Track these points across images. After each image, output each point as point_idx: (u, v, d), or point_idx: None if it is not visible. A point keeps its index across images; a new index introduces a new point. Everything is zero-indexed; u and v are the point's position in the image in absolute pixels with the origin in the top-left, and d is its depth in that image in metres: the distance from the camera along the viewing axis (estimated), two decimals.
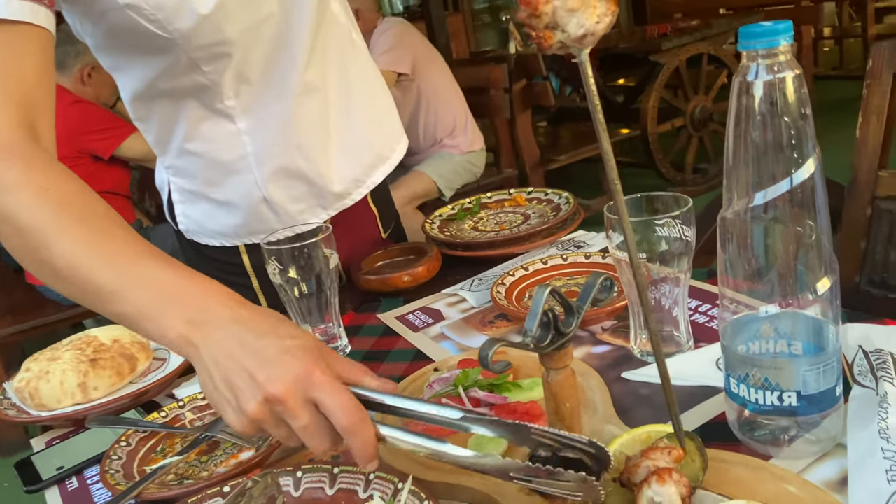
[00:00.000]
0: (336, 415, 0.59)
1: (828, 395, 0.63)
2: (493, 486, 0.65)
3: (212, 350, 0.61)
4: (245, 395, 0.60)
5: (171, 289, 0.65)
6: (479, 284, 1.13)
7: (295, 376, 0.59)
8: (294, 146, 1.08)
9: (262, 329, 0.62)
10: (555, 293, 0.63)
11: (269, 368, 0.59)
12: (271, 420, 0.60)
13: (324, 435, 0.60)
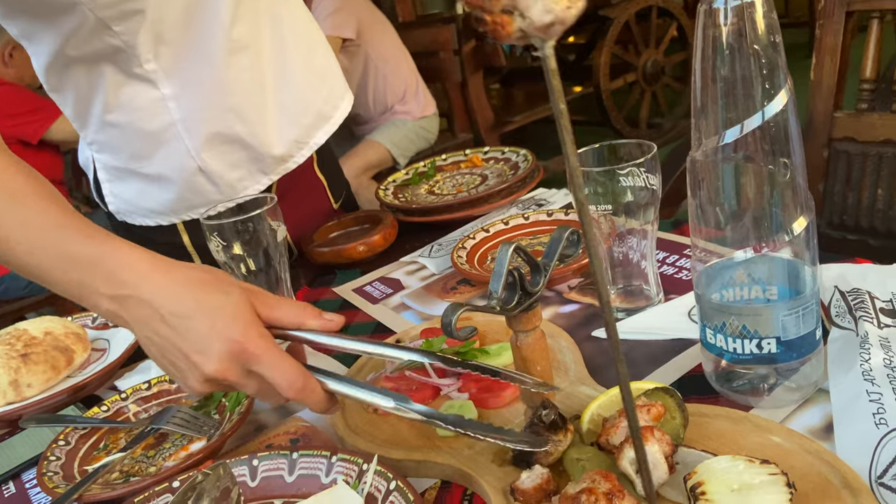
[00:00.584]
0: (278, 385, 0.59)
1: (808, 340, 0.61)
2: (464, 460, 0.62)
3: (141, 328, 0.61)
4: (186, 374, 0.61)
5: (87, 264, 0.62)
6: (438, 250, 1.09)
7: (229, 353, 0.59)
8: (226, 109, 1.00)
9: (185, 306, 0.60)
10: (520, 251, 0.59)
11: (201, 350, 0.59)
12: (223, 388, 0.62)
13: (279, 392, 0.60)
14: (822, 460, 0.53)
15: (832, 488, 0.50)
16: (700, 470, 0.51)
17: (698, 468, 0.51)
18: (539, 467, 0.57)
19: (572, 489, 0.52)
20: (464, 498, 0.60)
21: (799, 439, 0.56)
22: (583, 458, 0.58)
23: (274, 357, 0.59)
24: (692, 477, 0.50)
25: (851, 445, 0.55)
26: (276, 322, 0.62)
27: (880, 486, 0.51)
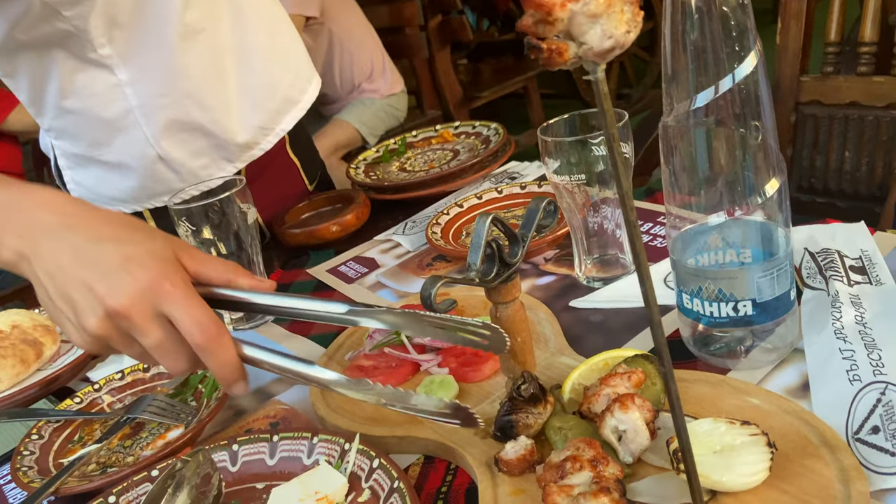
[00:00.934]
0: (189, 330, 0.53)
1: (783, 301, 0.62)
2: (446, 434, 0.62)
3: (44, 262, 0.55)
4: (84, 311, 0.53)
5: (1, 207, 0.57)
6: (412, 227, 1.08)
7: (140, 288, 0.52)
8: (184, 95, 0.98)
9: (102, 234, 0.55)
10: (497, 222, 0.59)
11: (110, 279, 0.52)
12: (117, 337, 0.54)
13: (180, 353, 0.54)
14: (801, 419, 0.54)
15: (811, 446, 0.51)
16: None
17: None
18: (523, 438, 0.57)
19: (556, 457, 0.52)
20: (448, 472, 0.61)
21: (777, 400, 0.57)
22: (565, 427, 0.58)
23: (190, 298, 0.53)
24: (674, 441, 0.51)
25: (827, 403, 0.56)
26: (204, 278, 0.57)
27: (857, 442, 0.52)
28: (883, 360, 0.56)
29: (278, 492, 0.57)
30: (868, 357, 0.56)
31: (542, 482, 0.51)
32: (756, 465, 0.49)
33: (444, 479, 0.60)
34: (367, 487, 0.57)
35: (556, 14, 0.32)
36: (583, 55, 0.34)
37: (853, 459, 0.49)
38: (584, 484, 0.48)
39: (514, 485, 0.55)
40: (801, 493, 0.48)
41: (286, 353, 0.57)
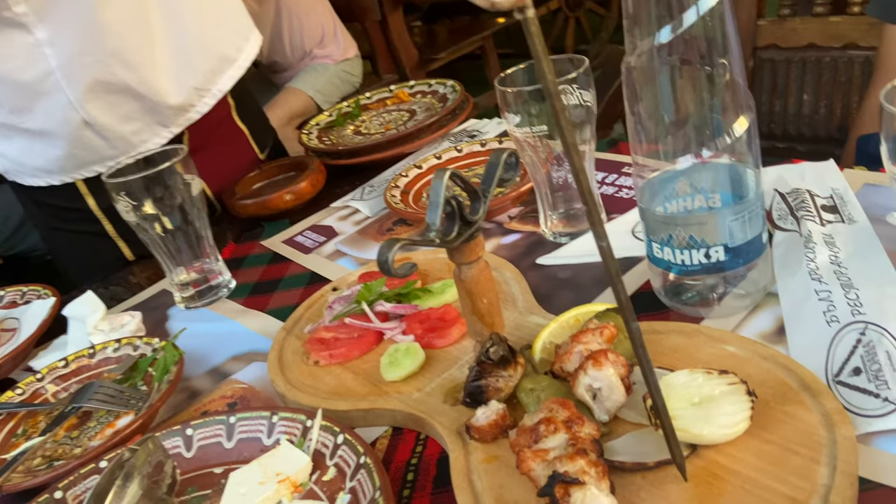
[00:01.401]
0: None
1: (755, 244, 0.59)
2: (413, 404, 0.59)
3: None
4: None
5: None
6: (370, 192, 1.04)
7: None
8: (108, 53, 0.91)
9: None
10: (456, 178, 0.55)
11: None
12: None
13: None
14: (779, 364, 0.52)
15: (791, 392, 0.50)
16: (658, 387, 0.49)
17: None
18: (494, 403, 0.54)
19: (529, 420, 0.49)
20: (417, 443, 0.58)
21: (753, 346, 0.55)
22: (537, 388, 0.55)
23: None
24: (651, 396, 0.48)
25: (805, 346, 0.54)
26: None
27: (837, 385, 0.50)
28: (861, 299, 0.54)
29: (236, 476, 0.53)
30: (845, 297, 0.55)
31: (515, 447, 0.48)
32: (736, 415, 0.47)
33: (413, 451, 0.57)
34: (332, 465, 0.54)
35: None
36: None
37: (836, 403, 0.47)
38: (559, 447, 0.46)
39: (487, 451, 0.52)
40: (784, 441, 0.46)
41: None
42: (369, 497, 0.49)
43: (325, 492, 0.52)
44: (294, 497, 0.53)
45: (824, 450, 0.45)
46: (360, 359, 0.67)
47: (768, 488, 0.43)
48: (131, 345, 0.75)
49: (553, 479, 0.42)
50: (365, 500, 0.49)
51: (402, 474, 0.55)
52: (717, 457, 0.46)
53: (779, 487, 0.43)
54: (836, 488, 0.42)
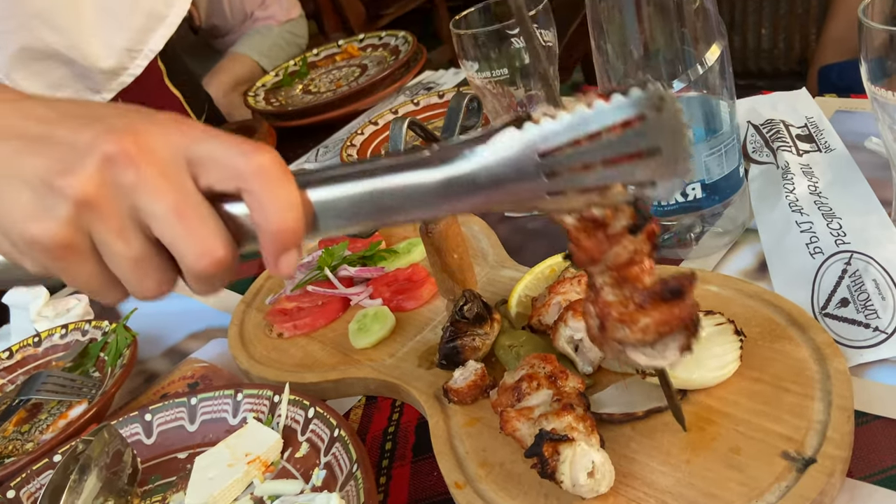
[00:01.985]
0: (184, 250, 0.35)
1: (733, 179, 0.58)
2: (387, 370, 0.56)
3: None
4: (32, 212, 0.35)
5: None
6: (325, 153, 1.00)
7: (106, 160, 0.34)
8: (32, 16, 0.84)
9: (61, 110, 0.38)
10: (415, 126, 0.52)
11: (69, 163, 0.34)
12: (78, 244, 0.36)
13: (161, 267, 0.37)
14: (764, 301, 0.51)
15: (779, 328, 0.48)
16: None
17: None
18: (472, 363, 0.52)
19: (510, 378, 0.47)
20: (393, 411, 0.55)
21: (735, 284, 0.53)
22: (516, 345, 0.53)
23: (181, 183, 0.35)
24: None
25: (789, 281, 0.53)
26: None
27: (825, 317, 0.49)
28: (843, 228, 0.52)
29: (202, 460, 0.50)
30: (828, 227, 0.53)
31: (497, 408, 0.46)
32: (725, 356, 0.45)
33: (390, 419, 0.55)
34: (305, 440, 0.51)
35: None
36: None
37: (825, 336, 0.46)
38: (543, 404, 0.44)
39: (468, 414, 0.50)
40: (775, 379, 0.45)
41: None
42: (346, 471, 0.46)
43: (298, 469, 0.50)
44: (266, 477, 0.50)
45: (817, 385, 0.44)
46: (327, 327, 0.64)
47: (763, 429, 0.42)
48: (79, 330, 0.71)
49: (540, 437, 0.40)
50: (342, 475, 0.47)
51: (379, 444, 0.53)
52: (708, 401, 0.45)
53: (774, 427, 0.42)
54: (833, 423, 0.41)
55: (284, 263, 0.36)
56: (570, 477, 0.40)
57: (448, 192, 0.35)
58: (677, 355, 0.36)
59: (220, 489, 0.48)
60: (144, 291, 0.37)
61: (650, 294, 0.35)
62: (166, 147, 0.35)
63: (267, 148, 0.36)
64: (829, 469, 0.39)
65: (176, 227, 0.34)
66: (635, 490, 0.41)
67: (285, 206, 0.34)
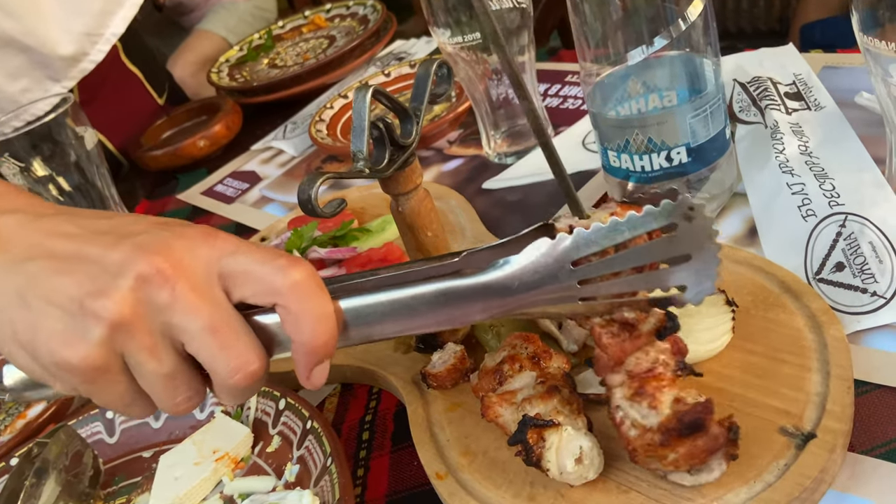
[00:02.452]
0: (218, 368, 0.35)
1: (719, 141, 0.55)
2: (361, 356, 0.54)
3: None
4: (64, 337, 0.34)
5: None
6: (293, 129, 0.96)
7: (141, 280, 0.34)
8: None
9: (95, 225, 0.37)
10: (380, 95, 0.49)
11: (102, 284, 0.34)
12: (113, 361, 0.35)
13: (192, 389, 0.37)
14: (754, 268, 0.49)
15: (772, 296, 0.46)
16: None
17: None
18: (451, 345, 0.49)
19: (491, 361, 0.45)
20: (370, 398, 0.53)
21: (725, 251, 0.51)
22: (496, 324, 0.51)
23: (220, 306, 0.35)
24: None
25: (781, 246, 0.51)
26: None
27: (820, 283, 0.47)
28: (837, 188, 0.50)
29: (167, 458, 0.48)
30: (820, 188, 0.51)
31: (478, 392, 0.44)
32: (717, 328, 0.43)
33: (367, 407, 0.52)
34: (277, 433, 0.49)
35: None
36: None
37: (821, 303, 0.44)
38: (527, 387, 0.41)
39: (448, 400, 0.48)
40: (770, 350, 0.43)
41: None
42: (320, 465, 0.44)
43: (271, 464, 0.48)
44: (236, 474, 0.48)
45: (814, 355, 0.42)
46: None
47: (759, 404, 0.40)
48: None
49: (523, 424, 0.38)
50: (316, 469, 0.44)
51: (356, 434, 0.51)
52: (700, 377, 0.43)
53: (770, 402, 0.40)
54: (832, 395, 0.39)
55: (317, 376, 0.37)
56: (556, 464, 0.37)
57: (482, 300, 0.36)
58: (723, 466, 0.35)
59: (186, 489, 0.45)
60: (175, 407, 0.37)
61: (667, 432, 0.34)
62: (199, 263, 0.35)
63: (301, 261, 0.36)
64: (829, 444, 0.37)
65: (211, 343, 0.34)
66: (626, 474, 0.39)
67: (320, 320, 0.35)
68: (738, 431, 0.34)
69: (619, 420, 0.36)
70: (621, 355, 0.36)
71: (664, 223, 0.33)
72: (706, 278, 0.34)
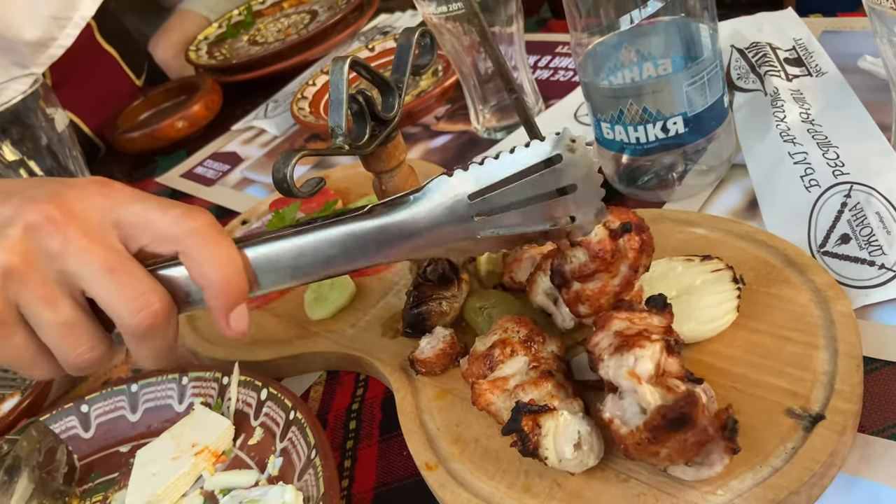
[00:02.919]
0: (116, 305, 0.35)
1: (717, 110, 0.53)
2: (347, 342, 0.52)
3: None
4: None
5: None
6: (275, 108, 0.94)
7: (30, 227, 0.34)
8: None
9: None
10: (359, 66, 0.46)
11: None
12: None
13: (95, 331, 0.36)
14: (756, 242, 0.47)
15: (775, 271, 0.44)
16: None
17: None
18: (440, 329, 0.47)
19: (481, 345, 0.43)
20: (357, 386, 0.51)
21: (725, 224, 0.49)
22: (487, 306, 0.49)
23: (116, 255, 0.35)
24: None
25: (783, 218, 0.49)
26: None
27: (825, 256, 0.45)
28: (841, 157, 0.48)
29: (144, 454, 0.46)
30: (823, 157, 0.49)
31: (467, 378, 0.42)
32: (721, 306, 0.41)
33: (353, 395, 0.50)
34: (259, 425, 0.47)
35: None
36: None
37: (827, 277, 0.42)
38: (519, 372, 0.39)
39: (438, 386, 0.46)
40: (774, 328, 0.41)
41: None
42: (304, 458, 0.42)
43: (253, 458, 0.46)
44: (217, 469, 0.46)
45: (821, 332, 0.40)
46: (280, 299, 0.59)
47: (764, 385, 0.38)
48: None
49: (517, 411, 0.36)
50: (300, 462, 0.43)
51: (343, 424, 0.49)
52: (700, 356, 0.41)
53: (776, 382, 0.38)
54: (841, 374, 0.37)
55: (235, 320, 0.37)
56: (554, 451, 0.36)
57: (389, 240, 0.38)
58: (725, 460, 0.34)
59: (164, 485, 0.44)
60: (78, 358, 0.36)
61: (654, 429, 0.32)
62: (92, 211, 0.35)
63: (200, 209, 0.37)
64: (839, 425, 0.35)
65: (108, 283, 0.34)
66: (625, 461, 0.37)
67: (224, 263, 0.36)
68: (735, 425, 0.32)
69: (607, 419, 0.34)
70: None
71: (548, 155, 0.35)
72: (591, 208, 0.36)
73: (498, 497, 0.38)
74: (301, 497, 0.39)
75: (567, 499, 0.36)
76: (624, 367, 0.34)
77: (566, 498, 0.37)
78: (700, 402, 0.32)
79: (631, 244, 0.38)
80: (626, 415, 0.33)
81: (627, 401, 0.33)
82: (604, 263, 0.38)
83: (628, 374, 0.33)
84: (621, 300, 0.39)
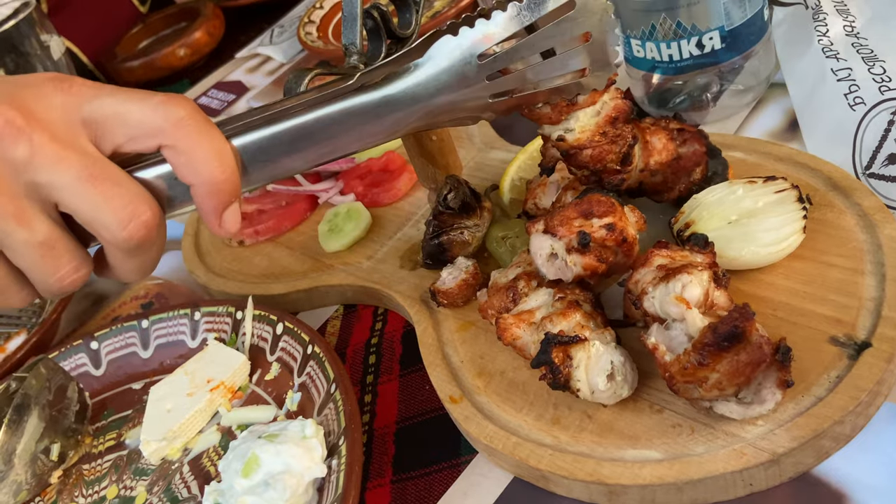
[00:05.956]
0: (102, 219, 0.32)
1: (756, 24, 0.50)
2: (364, 275, 0.51)
3: None
4: None
5: None
6: (281, 33, 0.91)
7: None
8: None
9: None
10: None
11: None
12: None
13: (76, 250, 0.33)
14: (797, 164, 0.45)
15: (818, 194, 0.43)
16: (687, 209, 0.41)
17: (685, 207, 0.41)
18: (462, 260, 0.46)
19: (503, 278, 0.42)
20: (376, 319, 0.50)
21: (763, 146, 0.47)
22: (510, 235, 0.48)
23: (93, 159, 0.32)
24: (679, 219, 0.41)
25: (825, 139, 0.47)
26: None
27: (870, 178, 0.43)
28: (888, 72, 0.46)
29: (158, 390, 0.46)
30: (869, 73, 0.46)
31: (486, 311, 0.41)
32: (783, 228, 0.39)
33: (372, 329, 0.50)
34: (275, 360, 0.46)
35: None
36: None
37: (874, 199, 0.41)
38: (545, 305, 0.38)
39: (461, 318, 0.45)
40: (817, 253, 0.40)
41: None
42: (324, 391, 0.42)
43: (270, 393, 0.45)
44: (234, 405, 0.45)
45: (867, 256, 0.38)
46: (294, 231, 0.58)
47: (806, 312, 0.37)
48: None
49: (547, 342, 0.35)
50: (319, 397, 0.42)
51: (362, 358, 0.48)
52: (740, 285, 0.40)
53: (818, 310, 0.37)
54: (889, 300, 0.36)
55: (228, 219, 0.34)
56: (587, 383, 0.35)
57: (390, 113, 0.35)
58: (777, 395, 0.32)
59: (180, 422, 0.43)
60: (59, 282, 0.33)
61: (703, 349, 0.31)
62: (55, 112, 0.31)
63: (181, 97, 0.33)
64: (886, 353, 0.34)
65: (88, 193, 0.31)
66: (659, 392, 0.36)
67: (216, 155, 0.32)
68: (789, 353, 0.31)
69: (651, 345, 0.33)
70: None
71: (562, 1, 0.34)
72: (605, 56, 0.35)
73: (525, 430, 0.37)
74: (322, 431, 0.39)
75: (598, 430, 0.36)
76: (671, 294, 0.32)
77: (598, 430, 0.36)
78: (753, 319, 0.31)
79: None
80: (672, 343, 0.32)
81: (675, 331, 0.32)
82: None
83: (676, 299, 0.32)
84: (659, 242, 0.37)
